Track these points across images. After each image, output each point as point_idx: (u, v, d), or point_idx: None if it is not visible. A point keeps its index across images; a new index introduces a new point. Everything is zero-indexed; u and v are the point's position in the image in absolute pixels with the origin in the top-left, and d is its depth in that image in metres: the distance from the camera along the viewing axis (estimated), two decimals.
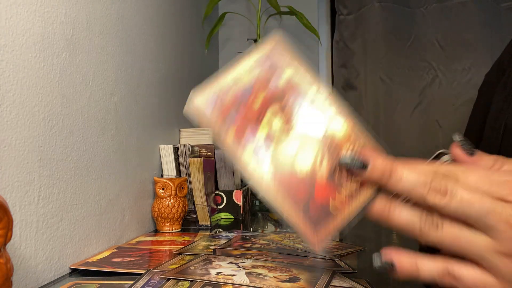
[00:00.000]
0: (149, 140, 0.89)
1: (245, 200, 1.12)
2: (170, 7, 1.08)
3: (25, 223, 0.49)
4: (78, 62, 0.60)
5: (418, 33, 1.63)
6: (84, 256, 0.61)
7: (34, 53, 0.51)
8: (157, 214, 0.84)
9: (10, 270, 0.35)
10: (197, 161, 0.89)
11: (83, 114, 0.62)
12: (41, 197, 0.51)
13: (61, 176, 0.55)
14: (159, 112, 0.97)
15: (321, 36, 1.81)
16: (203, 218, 0.92)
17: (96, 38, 0.66)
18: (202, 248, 0.66)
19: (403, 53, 1.64)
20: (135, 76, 0.82)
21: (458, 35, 1.58)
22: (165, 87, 1.03)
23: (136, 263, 0.57)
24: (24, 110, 0.49)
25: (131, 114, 0.79)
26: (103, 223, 0.67)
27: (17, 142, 0.47)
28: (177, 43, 1.15)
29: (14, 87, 0.47)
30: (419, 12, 1.64)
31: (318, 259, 0.59)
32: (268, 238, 0.76)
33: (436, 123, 1.59)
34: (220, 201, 1.06)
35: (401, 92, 1.63)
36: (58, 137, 0.55)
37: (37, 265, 0.50)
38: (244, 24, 1.86)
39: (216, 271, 0.51)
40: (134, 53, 0.82)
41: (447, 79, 1.59)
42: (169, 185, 0.85)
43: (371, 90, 1.65)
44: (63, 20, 0.57)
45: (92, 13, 0.65)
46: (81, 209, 0.60)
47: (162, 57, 1.00)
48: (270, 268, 0.53)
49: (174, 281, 0.48)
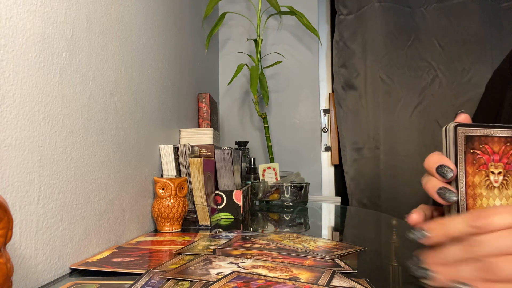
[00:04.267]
0: (149, 140, 0.89)
1: (245, 200, 1.12)
2: (170, 7, 1.08)
3: (25, 223, 0.49)
4: (78, 62, 0.60)
5: (418, 33, 1.63)
6: (84, 256, 0.61)
7: (34, 53, 0.51)
8: (157, 214, 0.84)
9: (10, 270, 0.35)
10: (197, 161, 0.89)
11: (83, 114, 0.62)
12: (41, 197, 0.51)
13: (61, 176, 0.55)
14: (159, 112, 0.97)
15: (321, 36, 1.81)
16: (203, 218, 0.92)
17: (96, 38, 0.66)
18: (202, 248, 0.66)
19: (403, 53, 1.64)
20: (135, 76, 0.82)
21: (458, 35, 1.58)
22: (165, 87, 1.03)
23: (136, 263, 0.57)
24: (24, 110, 0.49)
25: (131, 114, 0.80)
26: (103, 223, 0.67)
27: (17, 142, 0.47)
28: (177, 43, 1.15)
29: (14, 87, 0.47)
30: (419, 12, 1.63)
31: (318, 259, 0.59)
32: (268, 238, 0.76)
33: (436, 123, 1.59)
34: (220, 201, 1.06)
35: (401, 92, 1.64)
36: (58, 137, 0.55)
37: (37, 265, 0.50)
38: (244, 24, 1.86)
39: (216, 271, 0.51)
40: (134, 53, 0.82)
41: (447, 79, 1.59)
42: (169, 185, 0.85)
43: (371, 90, 1.65)
44: (63, 20, 0.57)
45: (92, 13, 0.65)
46: (81, 209, 0.60)
47: (162, 57, 1.00)
48: (270, 268, 0.53)
49: (174, 281, 0.48)
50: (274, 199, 1.32)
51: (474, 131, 0.39)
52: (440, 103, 1.60)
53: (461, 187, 0.38)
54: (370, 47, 1.65)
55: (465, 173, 0.38)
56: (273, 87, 1.84)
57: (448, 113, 1.58)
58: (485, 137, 0.39)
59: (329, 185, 1.78)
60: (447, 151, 0.40)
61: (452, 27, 1.59)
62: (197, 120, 1.35)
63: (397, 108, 1.64)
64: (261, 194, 1.33)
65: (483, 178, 0.38)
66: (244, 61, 1.73)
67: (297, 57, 1.82)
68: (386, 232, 1.00)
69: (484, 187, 0.38)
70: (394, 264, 0.63)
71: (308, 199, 1.35)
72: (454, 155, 0.39)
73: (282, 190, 1.32)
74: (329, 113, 1.79)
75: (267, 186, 1.33)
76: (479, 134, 0.39)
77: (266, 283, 0.46)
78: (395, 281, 0.56)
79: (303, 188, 1.32)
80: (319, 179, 1.78)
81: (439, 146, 0.42)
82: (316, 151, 1.80)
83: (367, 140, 1.66)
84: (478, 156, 0.39)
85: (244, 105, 1.87)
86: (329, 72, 1.82)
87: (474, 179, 0.38)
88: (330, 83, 1.81)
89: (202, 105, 1.35)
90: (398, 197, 1.60)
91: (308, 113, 1.82)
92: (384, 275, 0.58)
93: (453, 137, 0.39)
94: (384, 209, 1.59)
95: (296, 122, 1.83)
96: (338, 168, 1.78)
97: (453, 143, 0.39)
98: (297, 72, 1.83)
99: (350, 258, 0.63)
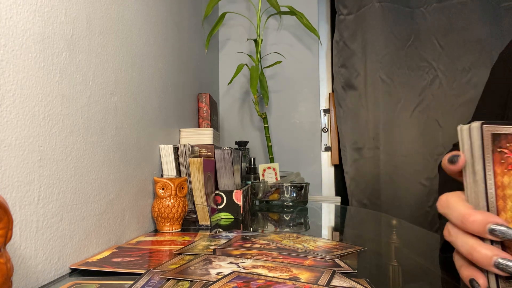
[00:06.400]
0: (149, 140, 0.89)
1: (245, 200, 1.12)
2: (170, 7, 1.08)
3: (25, 223, 0.49)
4: (78, 62, 0.60)
5: (418, 33, 1.63)
6: (84, 256, 0.61)
7: (34, 53, 0.51)
8: (157, 214, 0.84)
9: (10, 270, 0.35)
10: (197, 161, 0.89)
11: (83, 114, 0.62)
12: (41, 197, 0.51)
13: (61, 176, 0.55)
14: (159, 112, 0.97)
15: (321, 36, 1.81)
16: (203, 218, 0.92)
17: (96, 38, 0.66)
18: (202, 248, 0.66)
19: (403, 53, 1.64)
20: (135, 76, 0.82)
21: (458, 35, 1.58)
22: (165, 87, 1.03)
23: (136, 263, 0.57)
24: (24, 110, 0.49)
25: (131, 114, 0.80)
26: (103, 223, 0.67)
27: (17, 142, 0.47)
28: (177, 43, 1.15)
29: (14, 87, 0.47)
30: (419, 12, 1.63)
31: (318, 259, 0.59)
32: (268, 238, 0.76)
33: (436, 123, 1.59)
34: (220, 201, 1.06)
35: (401, 92, 1.64)
36: (58, 137, 0.55)
37: (37, 265, 0.50)
38: (244, 24, 1.86)
39: (216, 271, 0.51)
40: (134, 53, 0.82)
41: (447, 79, 1.59)
42: (169, 185, 0.85)
43: (371, 90, 1.65)
44: (63, 20, 0.57)
45: (92, 13, 0.65)
46: (81, 209, 0.60)
47: (162, 57, 1.00)
48: (270, 268, 0.53)
49: (174, 281, 0.48)
50: (274, 199, 1.32)
51: (501, 129, 0.36)
52: (440, 103, 1.60)
53: (490, 188, 0.36)
54: (370, 47, 1.65)
55: (493, 173, 0.36)
56: (273, 87, 1.84)
57: (448, 113, 1.58)
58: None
59: (329, 185, 1.78)
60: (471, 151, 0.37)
61: (452, 27, 1.59)
62: (197, 120, 1.35)
63: (397, 108, 1.64)
64: (261, 194, 1.33)
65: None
66: (244, 61, 1.73)
67: (297, 57, 1.82)
68: (386, 232, 1.00)
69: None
70: (394, 264, 0.63)
71: (308, 199, 1.35)
72: (481, 154, 0.36)
73: (282, 190, 1.32)
74: (329, 113, 1.79)
75: (267, 186, 1.33)
76: (506, 132, 0.37)
77: (266, 283, 0.46)
78: (395, 281, 0.56)
79: (303, 188, 1.32)
80: (319, 179, 1.78)
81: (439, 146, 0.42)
82: (316, 151, 1.80)
83: (367, 140, 1.66)
84: (506, 155, 0.36)
85: (244, 105, 1.87)
86: (329, 72, 1.82)
87: (503, 179, 0.36)
88: (330, 83, 1.81)
89: (202, 105, 1.35)
90: (398, 197, 1.61)
91: (308, 113, 1.82)
92: (384, 275, 0.58)
93: (479, 136, 0.36)
94: (384, 209, 1.59)
95: (296, 122, 1.83)
96: (338, 168, 1.78)
97: (479, 142, 0.36)
98: (297, 72, 1.83)
99: (350, 258, 0.63)
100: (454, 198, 0.38)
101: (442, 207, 0.39)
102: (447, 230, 0.39)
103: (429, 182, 1.57)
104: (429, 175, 1.57)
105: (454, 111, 1.58)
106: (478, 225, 0.34)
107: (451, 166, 0.37)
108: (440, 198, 0.40)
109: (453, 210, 0.37)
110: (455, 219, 0.37)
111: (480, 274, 0.36)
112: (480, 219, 0.34)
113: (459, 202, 0.37)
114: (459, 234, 0.37)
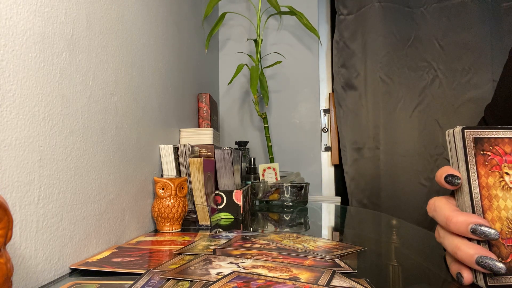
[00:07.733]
0: (149, 140, 0.89)
1: (245, 200, 1.12)
2: (170, 7, 1.08)
3: (25, 223, 0.48)
4: (78, 62, 0.60)
5: (418, 33, 1.63)
6: (84, 256, 0.61)
7: (34, 53, 0.51)
8: (157, 214, 0.84)
9: (10, 270, 0.35)
10: (197, 161, 0.89)
11: (83, 114, 0.62)
12: (41, 197, 0.51)
13: (61, 176, 0.55)
14: (159, 112, 0.97)
15: (321, 36, 1.81)
16: (203, 218, 0.92)
17: (96, 38, 0.66)
18: (202, 248, 0.66)
19: (403, 53, 1.64)
20: (135, 76, 0.82)
21: (458, 35, 1.58)
22: (165, 87, 1.03)
23: (136, 263, 0.57)
24: (24, 110, 0.49)
25: (131, 114, 0.80)
26: (103, 223, 0.67)
27: (17, 142, 0.47)
28: (177, 43, 1.15)
29: (14, 87, 0.47)
30: (419, 12, 1.63)
31: (318, 259, 0.59)
32: (268, 238, 0.76)
33: (436, 123, 1.59)
34: (220, 201, 1.06)
35: (401, 92, 1.64)
36: (58, 137, 0.55)
37: (37, 265, 0.50)
38: (244, 24, 1.86)
39: (216, 271, 0.51)
40: (134, 53, 0.82)
41: (447, 79, 1.59)
42: (169, 185, 0.85)
43: (371, 90, 1.65)
44: (63, 20, 0.57)
45: (92, 13, 0.65)
46: (81, 209, 0.60)
47: (162, 57, 1.00)
48: (270, 268, 0.53)
49: (174, 281, 0.48)
50: (274, 199, 1.32)
51: (482, 133, 0.38)
52: (440, 103, 1.60)
53: (474, 188, 0.38)
54: (370, 47, 1.65)
55: (477, 174, 0.38)
56: (273, 87, 1.84)
57: (448, 113, 1.58)
58: (495, 139, 0.38)
59: (329, 185, 1.78)
60: (456, 154, 0.39)
61: (452, 27, 1.59)
62: (197, 120, 1.35)
63: (397, 108, 1.64)
64: (261, 194, 1.33)
65: (497, 179, 0.38)
66: (244, 61, 1.73)
67: (297, 57, 1.82)
68: (386, 232, 1.00)
69: (499, 188, 0.38)
70: (394, 264, 0.63)
71: (308, 199, 1.35)
72: (464, 157, 0.38)
73: (282, 190, 1.32)
74: (329, 113, 1.80)
75: (267, 186, 1.33)
76: (488, 135, 0.38)
77: (266, 283, 0.46)
78: (395, 281, 0.56)
79: (303, 188, 1.32)
80: (319, 179, 1.78)
81: (439, 146, 0.42)
82: (316, 151, 1.80)
83: (367, 140, 1.66)
84: (489, 158, 0.38)
85: (244, 105, 1.87)
86: (329, 72, 1.82)
87: (488, 180, 0.38)
88: (330, 83, 1.81)
89: (202, 105, 1.35)
90: (398, 197, 1.61)
91: (308, 113, 1.82)
92: (384, 275, 0.58)
93: (461, 140, 0.38)
94: (384, 209, 1.59)
95: (296, 122, 1.83)
96: (338, 168, 1.78)
97: (462, 145, 0.38)
98: (297, 72, 1.83)
99: (350, 258, 0.63)
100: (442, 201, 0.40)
101: (430, 210, 0.42)
102: (437, 231, 0.41)
103: (429, 182, 1.57)
104: (428, 175, 1.57)
105: (454, 111, 1.57)
106: (460, 226, 0.37)
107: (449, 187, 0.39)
108: (429, 202, 0.43)
109: (439, 213, 0.40)
110: (441, 221, 0.39)
111: (465, 269, 0.38)
112: (462, 220, 0.37)
113: (445, 205, 0.39)
114: (446, 235, 0.39)
